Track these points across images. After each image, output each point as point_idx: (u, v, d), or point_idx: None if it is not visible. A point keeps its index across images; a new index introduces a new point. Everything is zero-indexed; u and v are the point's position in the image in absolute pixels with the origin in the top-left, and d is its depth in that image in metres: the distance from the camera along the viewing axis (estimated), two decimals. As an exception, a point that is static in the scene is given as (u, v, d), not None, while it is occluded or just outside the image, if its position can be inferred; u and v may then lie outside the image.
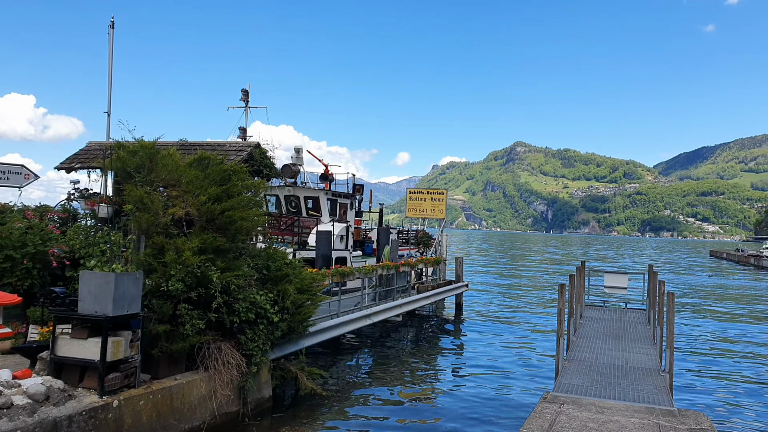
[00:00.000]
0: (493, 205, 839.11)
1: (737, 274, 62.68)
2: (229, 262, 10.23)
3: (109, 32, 13.46)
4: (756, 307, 32.71)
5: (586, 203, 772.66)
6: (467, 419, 11.51)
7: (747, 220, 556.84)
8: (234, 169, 11.09)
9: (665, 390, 10.45)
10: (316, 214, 24.45)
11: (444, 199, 27.56)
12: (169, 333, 9.22)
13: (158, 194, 10.24)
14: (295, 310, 11.44)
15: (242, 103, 23.81)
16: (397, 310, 18.87)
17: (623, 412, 9.05)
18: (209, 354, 9.80)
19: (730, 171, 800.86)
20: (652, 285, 17.65)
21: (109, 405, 7.81)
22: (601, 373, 11.52)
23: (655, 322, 14.77)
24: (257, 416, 10.48)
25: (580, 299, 17.66)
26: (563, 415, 8.83)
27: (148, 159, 10.29)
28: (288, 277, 11.42)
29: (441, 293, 22.96)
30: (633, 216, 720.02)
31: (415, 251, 28.45)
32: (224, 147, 13.07)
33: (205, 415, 9.51)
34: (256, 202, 11.63)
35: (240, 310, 10.02)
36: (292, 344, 12.20)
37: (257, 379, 10.67)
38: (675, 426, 8.48)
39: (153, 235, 9.78)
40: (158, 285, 9.39)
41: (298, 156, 25.38)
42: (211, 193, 10.34)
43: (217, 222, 10.33)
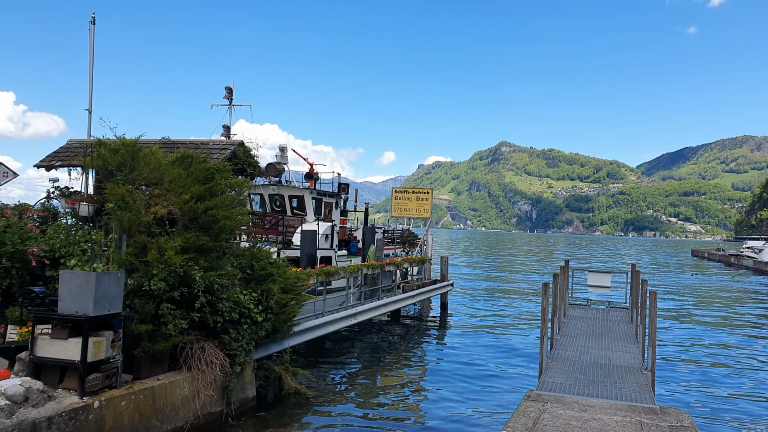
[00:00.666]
0: (478, 205, 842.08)
1: (719, 273, 63.43)
2: (212, 262, 10.15)
3: (90, 28, 13.28)
4: (736, 306, 33.13)
5: (570, 203, 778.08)
6: (451, 417, 11.53)
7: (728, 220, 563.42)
8: (217, 167, 11.00)
9: (647, 388, 10.54)
10: (301, 213, 24.36)
11: (429, 198, 27.58)
12: (152, 333, 9.13)
13: (140, 193, 10.13)
14: (279, 310, 11.37)
15: (226, 101, 23.64)
16: (382, 309, 18.85)
17: (606, 410, 9.11)
18: (192, 354, 9.71)
19: (712, 171, 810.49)
20: (634, 284, 17.80)
21: (89, 406, 7.71)
22: (585, 372, 11.59)
23: (638, 320, 14.90)
24: (241, 416, 10.41)
25: (563, 298, 17.77)
26: (547, 413, 8.87)
27: (130, 157, 10.18)
28: (272, 276, 11.35)
29: (426, 292, 22.98)
30: (616, 216, 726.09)
31: (401, 251, 28.44)
32: (208, 145, 12.97)
33: (188, 415, 9.42)
34: (240, 200, 11.55)
35: (223, 310, 9.94)
36: (277, 344, 12.13)
37: (241, 379, 10.60)
38: (657, 423, 8.55)
39: (135, 234, 9.67)
40: (140, 284, 9.30)
41: (282, 155, 25.25)
42: (194, 191, 10.24)
43: (200, 221, 10.24)
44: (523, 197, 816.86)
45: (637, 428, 8.32)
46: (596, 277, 21.25)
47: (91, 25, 13.31)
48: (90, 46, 13.27)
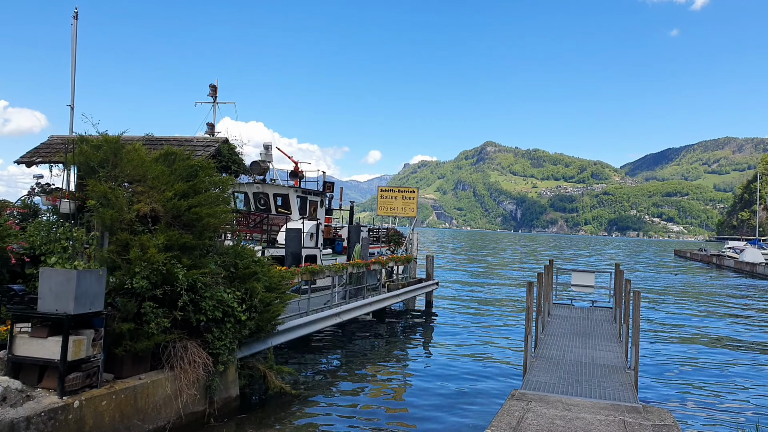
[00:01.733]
0: (463, 204, 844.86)
1: (701, 273, 64.17)
2: (195, 260, 10.05)
3: (72, 23, 13.10)
4: (717, 305, 33.50)
5: (555, 203, 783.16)
6: (436, 416, 11.53)
7: (710, 220, 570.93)
8: (201, 164, 10.91)
9: (630, 387, 10.61)
10: (286, 211, 24.27)
11: (415, 197, 27.60)
12: (134, 331, 9.02)
13: (123, 190, 10.02)
14: (264, 309, 11.30)
15: (210, 98, 23.52)
16: (367, 308, 18.83)
17: (590, 409, 9.16)
18: (175, 353, 9.62)
19: (694, 172, 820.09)
20: (618, 283, 17.94)
21: (69, 406, 7.60)
22: (568, 371, 11.65)
23: (621, 319, 15.00)
24: (224, 416, 10.33)
25: (548, 297, 17.86)
26: (531, 412, 8.89)
27: (113, 154, 10.05)
28: (256, 275, 11.27)
29: (411, 291, 22.99)
30: (600, 216, 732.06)
31: (386, 249, 28.44)
32: (191, 142, 12.86)
33: (171, 414, 9.33)
34: (224, 198, 11.46)
35: (206, 309, 9.86)
36: (261, 343, 12.06)
37: (224, 378, 10.52)
38: (640, 422, 8.61)
39: (117, 231, 9.56)
40: (122, 282, 9.19)
41: (267, 153, 25.15)
42: (178, 189, 10.14)
43: (184, 219, 10.14)
44: (508, 197, 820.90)
45: (620, 427, 8.37)
46: (580, 277, 21.40)
47: (74, 20, 13.14)
48: (72, 42, 13.10)
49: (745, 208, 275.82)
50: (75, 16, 13.04)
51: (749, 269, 61.93)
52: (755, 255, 66.24)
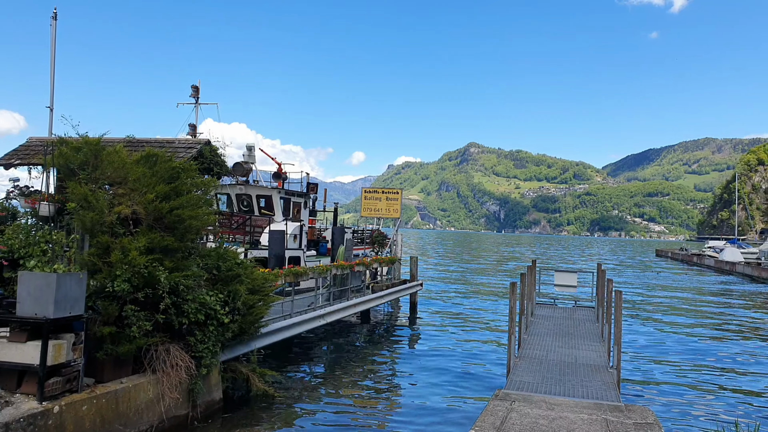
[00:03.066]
0: (447, 205, 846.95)
1: (681, 272, 64.92)
2: (177, 262, 9.98)
3: (51, 24, 12.94)
4: (698, 304, 33.91)
5: (537, 203, 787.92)
6: (420, 417, 11.54)
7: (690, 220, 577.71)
8: (183, 166, 10.82)
9: (613, 386, 10.70)
10: (269, 213, 24.16)
11: (399, 198, 27.60)
12: (115, 335, 8.93)
13: (104, 192, 9.92)
14: (247, 311, 11.25)
15: (192, 99, 23.35)
16: (351, 310, 18.78)
17: (572, 409, 9.22)
18: (157, 356, 9.54)
19: (675, 173, 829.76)
20: (600, 283, 18.09)
21: (49, 411, 7.49)
22: (552, 371, 11.72)
23: (603, 319, 15.13)
24: (207, 419, 10.27)
25: (531, 297, 17.96)
26: (514, 412, 8.94)
27: (93, 155, 9.94)
28: (239, 277, 11.22)
29: (395, 292, 22.98)
30: (582, 216, 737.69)
31: (370, 251, 28.41)
32: (173, 144, 12.76)
33: (153, 418, 9.25)
34: (206, 200, 11.38)
35: (189, 311, 9.79)
36: (244, 345, 11.99)
37: (207, 382, 10.45)
38: (622, 421, 8.69)
39: (98, 234, 9.45)
40: (103, 286, 9.09)
41: (250, 154, 25.01)
42: (159, 191, 10.06)
43: (166, 221, 10.06)
44: (492, 197, 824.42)
45: (602, 426, 8.44)
46: (563, 277, 21.55)
47: (53, 20, 12.98)
48: (52, 42, 12.94)
49: (724, 207, 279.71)
50: (54, 16, 12.87)
51: (729, 268, 62.80)
52: (734, 254, 67.19)
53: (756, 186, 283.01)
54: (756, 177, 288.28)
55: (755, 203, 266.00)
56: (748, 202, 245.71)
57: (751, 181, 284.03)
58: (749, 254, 69.99)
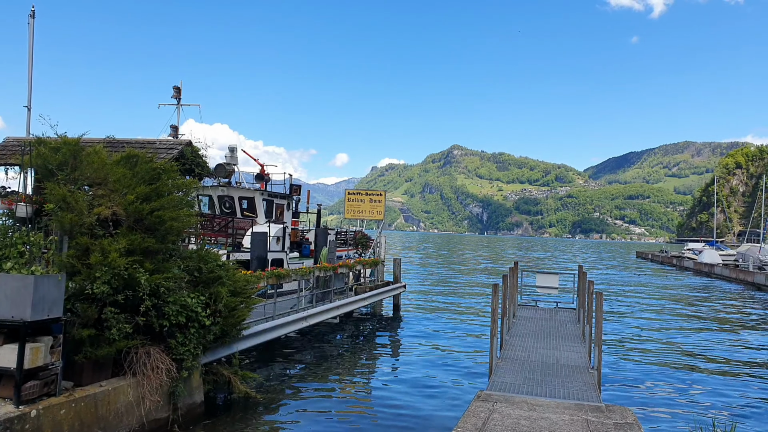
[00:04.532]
0: (430, 207, 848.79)
1: (661, 274, 65.66)
2: (158, 264, 9.90)
3: (29, 22, 12.77)
4: (677, 304, 34.33)
5: (520, 206, 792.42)
6: (403, 419, 11.54)
7: (670, 222, 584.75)
8: (164, 167, 10.74)
9: (594, 386, 10.79)
10: (252, 215, 24.06)
11: (382, 200, 27.61)
12: (94, 338, 8.83)
13: (83, 193, 9.80)
14: (228, 313, 11.17)
15: (174, 100, 23.18)
16: (334, 312, 18.75)
17: (554, 409, 9.28)
18: (137, 359, 9.44)
19: (655, 175, 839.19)
20: (581, 284, 18.23)
21: (26, 415, 7.38)
22: (533, 371, 11.79)
23: (585, 320, 15.25)
24: (188, 422, 10.18)
25: (513, 299, 18.04)
26: (496, 413, 8.97)
27: (72, 156, 9.82)
28: (221, 279, 11.15)
29: (379, 294, 22.98)
30: (564, 218, 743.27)
31: (354, 252, 28.41)
32: (154, 145, 12.65)
33: (133, 422, 9.15)
34: (188, 202, 11.30)
35: (170, 314, 9.70)
36: (225, 348, 11.91)
37: (188, 384, 10.36)
38: (602, 421, 8.76)
39: (77, 235, 9.34)
40: (82, 288, 8.99)
41: (232, 155, 24.89)
42: (140, 192, 9.97)
43: (146, 222, 9.97)
44: (475, 200, 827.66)
45: (583, 426, 8.50)
46: (544, 278, 21.70)
47: (31, 18, 12.81)
48: (29, 41, 12.77)
49: (703, 210, 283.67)
50: (32, 14, 12.70)
51: (707, 270, 63.63)
52: (713, 256, 68.12)
53: (734, 189, 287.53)
54: (734, 180, 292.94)
55: (733, 206, 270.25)
56: (727, 204, 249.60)
57: (729, 184, 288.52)
58: (727, 256, 71.00)
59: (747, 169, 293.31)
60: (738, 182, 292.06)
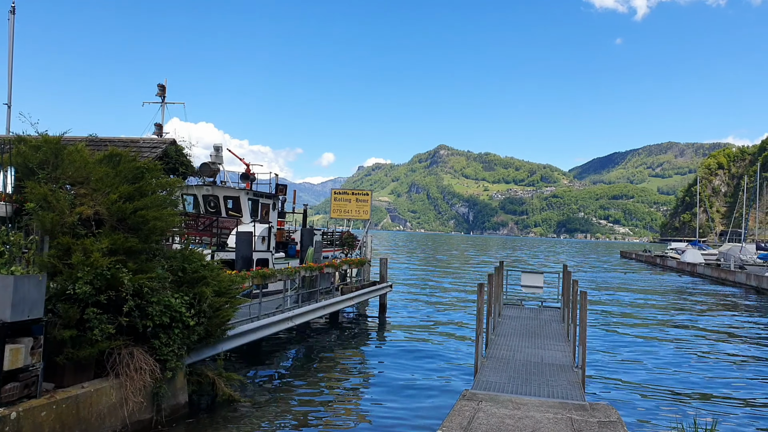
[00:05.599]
0: (417, 207, 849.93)
1: (645, 273, 66.24)
2: (141, 264, 9.81)
3: (9, 18, 12.59)
4: (661, 304, 34.66)
5: (505, 205, 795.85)
6: (388, 419, 11.54)
7: (654, 222, 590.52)
8: (147, 166, 10.65)
9: (578, 385, 10.85)
10: (237, 214, 23.93)
11: (369, 200, 27.57)
12: (76, 338, 8.73)
13: (64, 192, 9.69)
14: (213, 314, 11.10)
15: (158, 98, 23.01)
16: (320, 312, 18.70)
17: (538, 408, 9.32)
18: (120, 360, 9.35)
19: (639, 176, 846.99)
20: (566, 284, 18.33)
21: (5, 417, 7.27)
22: (518, 370, 11.83)
23: (569, 319, 15.34)
24: (172, 423, 10.09)
25: (498, 298, 18.11)
26: (481, 412, 8.99)
27: (53, 155, 9.71)
28: (205, 279, 11.06)
29: (365, 294, 22.95)
30: (549, 218, 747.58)
31: (340, 252, 28.35)
32: (137, 143, 12.54)
33: (116, 423, 9.06)
34: (172, 201, 11.21)
35: (153, 314, 9.62)
36: (210, 348, 11.83)
37: (172, 385, 10.28)
38: (586, 419, 8.80)
39: (58, 235, 9.23)
40: (64, 288, 8.88)
41: (217, 154, 24.75)
42: (123, 191, 9.88)
43: (129, 222, 9.88)
44: (461, 199, 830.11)
45: (567, 425, 8.54)
46: (529, 278, 21.80)
47: (11, 14, 12.63)
48: (9, 37, 12.59)
49: (686, 210, 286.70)
50: (12, 10, 12.52)
51: (690, 269, 64.33)
52: (695, 256, 68.88)
53: (716, 189, 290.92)
54: (716, 180, 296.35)
55: (715, 206, 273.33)
56: (709, 205, 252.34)
57: (712, 184, 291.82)
58: (709, 256, 71.85)
59: (729, 170, 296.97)
60: (720, 182, 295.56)
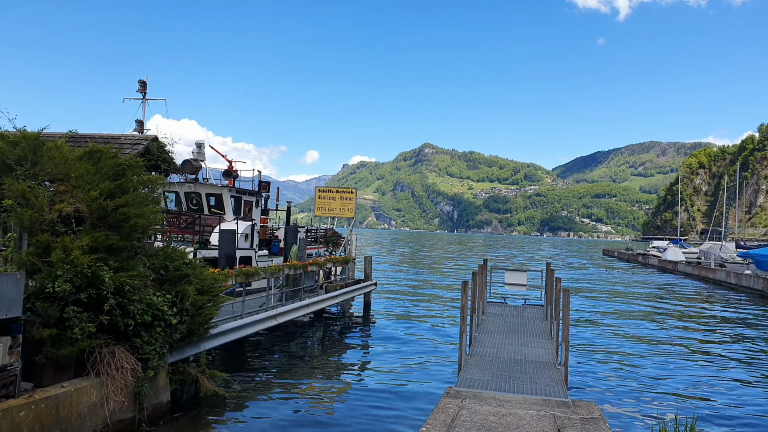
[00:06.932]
0: (402, 205, 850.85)
1: (627, 271, 66.86)
2: (123, 262, 9.70)
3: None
4: (642, 301, 34.99)
5: (489, 204, 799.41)
6: (372, 416, 11.52)
7: (636, 221, 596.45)
8: (129, 163, 10.53)
9: (560, 382, 10.92)
10: (219, 212, 23.77)
11: (353, 198, 27.50)
12: (56, 337, 8.61)
13: (44, 189, 9.54)
14: (195, 312, 11.01)
15: (139, 94, 22.76)
16: (304, 310, 18.63)
17: (522, 405, 9.36)
18: (101, 359, 9.24)
19: (622, 175, 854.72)
20: (549, 282, 18.43)
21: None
22: (501, 368, 11.88)
23: (552, 317, 15.43)
24: (154, 422, 10.01)
25: (482, 296, 18.17)
26: (465, 409, 9.01)
27: (32, 151, 9.55)
28: (188, 277, 10.96)
29: (349, 292, 22.90)
30: (533, 216, 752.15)
31: (324, 250, 28.27)
32: (119, 140, 12.41)
33: (97, 423, 8.95)
34: (153, 198, 11.10)
35: (135, 312, 9.52)
36: (193, 347, 11.74)
37: (154, 384, 10.18)
38: (569, 416, 8.86)
39: (37, 232, 9.09)
40: (43, 286, 8.75)
41: (199, 151, 24.55)
42: (104, 188, 9.76)
43: (110, 219, 9.76)
44: (445, 198, 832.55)
45: (550, 421, 8.59)
46: (513, 276, 21.88)
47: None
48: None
49: (668, 209, 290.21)
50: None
51: (671, 267, 65.04)
52: (677, 254, 69.66)
53: (697, 188, 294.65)
54: (697, 179, 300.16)
55: (696, 205, 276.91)
56: (690, 203, 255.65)
57: (693, 183, 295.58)
58: (690, 254, 72.67)
59: (709, 169, 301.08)
60: (701, 182, 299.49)
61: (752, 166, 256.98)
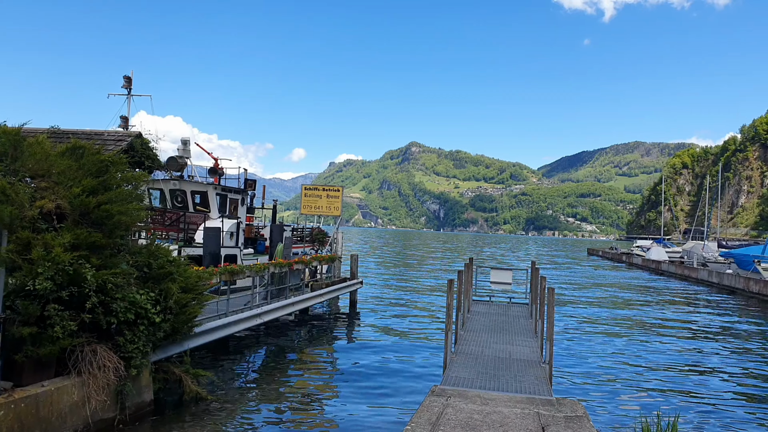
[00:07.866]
0: (388, 204, 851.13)
1: (611, 270, 67.36)
2: (105, 259, 9.59)
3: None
4: (626, 299, 35.28)
5: (475, 203, 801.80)
6: (358, 416, 11.50)
7: (620, 220, 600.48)
8: (112, 159, 10.41)
9: (545, 380, 10.95)
10: (204, 209, 23.62)
11: (340, 196, 27.45)
12: (36, 336, 8.49)
13: (25, 185, 9.40)
14: (179, 310, 10.92)
15: (124, 90, 22.54)
16: (289, 308, 18.56)
17: (506, 403, 9.38)
18: (83, 357, 9.13)
19: (607, 174, 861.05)
20: (534, 280, 18.50)
21: (-39, 417, 7.05)
22: (487, 366, 11.90)
23: (537, 315, 15.49)
24: (136, 422, 9.92)
25: (467, 294, 18.20)
26: (450, 407, 9.01)
27: (12, 146, 9.41)
28: (171, 275, 10.86)
29: (335, 291, 22.86)
30: (518, 215, 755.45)
31: (310, 249, 28.21)
32: (102, 136, 12.26)
33: (78, 423, 8.85)
34: (137, 195, 10.98)
35: (118, 310, 9.41)
36: (176, 345, 11.65)
37: (137, 383, 10.09)
38: (553, 414, 8.89)
39: (17, 229, 8.95)
40: (24, 284, 8.63)
41: (185, 148, 24.37)
42: (86, 184, 9.64)
43: (93, 216, 9.65)
44: (432, 196, 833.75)
45: (534, 419, 8.61)
46: (498, 274, 21.94)
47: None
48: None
49: (652, 209, 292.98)
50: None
51: (655, 266, 65.64)
52: (660, 253, 70.36)
53: (680, 188, 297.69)
54: (680, 180, 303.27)
55: (680, 204, 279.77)
56: (674, 203, 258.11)
57: (677, 183, 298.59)
58: (673, 253, 73.41)
59: (693, 169, 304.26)
60: (684, 182, 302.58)
61: (734, 167, 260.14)
